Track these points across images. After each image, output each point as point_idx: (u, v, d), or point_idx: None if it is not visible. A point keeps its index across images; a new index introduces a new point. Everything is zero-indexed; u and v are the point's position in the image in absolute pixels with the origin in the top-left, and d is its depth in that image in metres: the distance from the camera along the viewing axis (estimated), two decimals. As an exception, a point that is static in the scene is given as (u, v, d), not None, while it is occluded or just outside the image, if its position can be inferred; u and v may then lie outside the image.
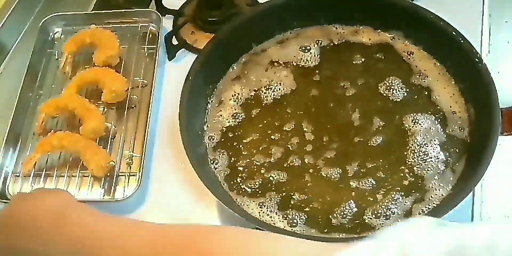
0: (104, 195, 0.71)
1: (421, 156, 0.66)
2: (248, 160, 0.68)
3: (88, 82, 0.78)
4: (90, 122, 0.73)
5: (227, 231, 0.48)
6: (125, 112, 0.77)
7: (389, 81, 0.72)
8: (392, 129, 0.69)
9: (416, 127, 0.68)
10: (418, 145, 0.67)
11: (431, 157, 0.66)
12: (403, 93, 0.71)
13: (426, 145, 0.67)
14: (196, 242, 0.43)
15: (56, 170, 0.74)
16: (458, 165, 0.65)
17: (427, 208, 0.63)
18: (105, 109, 0.78)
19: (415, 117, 0.69)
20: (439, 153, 0.66)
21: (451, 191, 0.63)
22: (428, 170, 0.65)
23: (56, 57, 0.85)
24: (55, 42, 0.87)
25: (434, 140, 0.67)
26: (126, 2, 0.90)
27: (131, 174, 0.72)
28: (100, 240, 0.48)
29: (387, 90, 0.72)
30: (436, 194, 0.64)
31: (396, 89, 0.71)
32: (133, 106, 0.78)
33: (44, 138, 0.74)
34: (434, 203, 0.63)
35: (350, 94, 0.72)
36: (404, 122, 0.69)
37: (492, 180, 0.64)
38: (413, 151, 0.66)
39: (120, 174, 0.72)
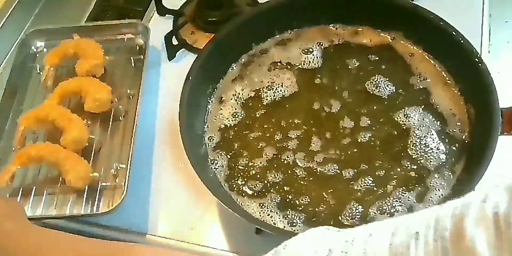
0: (90, 209, 0.68)
1: (422, 148, 0.67)
2: (248, 160, 0.68)
3: (70, 91, 0.75)
4: (71, 132, 0.70)
5: (141, 249, 0.50)
6: (110, 124, 0.74)
7: (389, 82, 0.72)
8: (395, 127, 0.69)
9: (415, 124, 0.68)
10: (419, 138, 0.67)
11: (432, 148, 0.66)
12: (404, 93, 0.71)
13: (426, 137, 0.67)
14: None
15: (36, 186, 0.71)
16: (458, 165, 0.65)
17: (427, 208, 0.63)
18: (89, 122, 0.75)
19: (415, 115, 0.69)
20: (439, 143, 0.67)
21: (451, 191, 0.64)
22: (430, 161, 0.66)
23: (38, 71, 0.82)
24: (37, 56, 0.84)
25: (432, 133, 0.68)
26: (126, 2, 0.90)
27: (117, 186, 0.70)
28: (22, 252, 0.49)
29: (386, 90, 0.72)
30: (436, 194, 0.64)
31: (393, 89, 0.71)
32: (119, 118, 0.75)
33: (22, 149, 0.70)
34: (434, 203, 0.63)
35: (351, 95, 0.72)
36: (404, 119, 0.69)
37: (491, 180, 0.64)
38: (414, 144, 0.67)
39: (105, 186, 0.70)
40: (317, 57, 0.75)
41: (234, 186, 0.67)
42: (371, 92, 0.72)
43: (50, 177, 0.72)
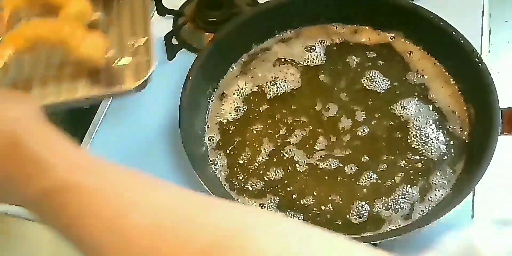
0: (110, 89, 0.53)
1: (423, 139, 0.67)
2: (249, 156, 0.68)
3: None
4: (72, 6, 0.54)
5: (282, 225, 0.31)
6: (114, 3, 0.59)
7: (385, 77, 0.72)
8: (393, 119, 0.69)
9: (413, 115, 0.69)
10: (418, 130, 0.68)
11: (432, 138, 0.67)
12: (402, 87, 0.71)
13: (425, 128, 0.68)
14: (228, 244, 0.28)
15: (37, 76, 0.53)
16: (458, 165, 0.65)
17: (427, 208, 0.63)
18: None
19: (411, 106, 0.69)
20: (438, 134, 0.67)
21: (451, 191, 0.64)
22: (432, 152, 0.66)
23: None
24: None
25: (431, 124, 0.68)
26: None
27: (139, 63, 0.56)
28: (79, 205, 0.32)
29: (383, 85, 0.72)
30: (435, 194, 0.64)
31: (390, 84, 0.72)
32: None
33: (13, 30, 0.52)
34: (434, 203, 0.63)
35: (351, 94, 0.72)
36: (401, 111, 0.69)
37: (491, 180, 0.64)
38: (415, 136, 0.67)
39: (125, 65, 0.55)
40: (320, 54, 0.75)
41: (235, 185, 0.67)
42: (368, 88, 0.72)
43: (53, 64, 0.55)
